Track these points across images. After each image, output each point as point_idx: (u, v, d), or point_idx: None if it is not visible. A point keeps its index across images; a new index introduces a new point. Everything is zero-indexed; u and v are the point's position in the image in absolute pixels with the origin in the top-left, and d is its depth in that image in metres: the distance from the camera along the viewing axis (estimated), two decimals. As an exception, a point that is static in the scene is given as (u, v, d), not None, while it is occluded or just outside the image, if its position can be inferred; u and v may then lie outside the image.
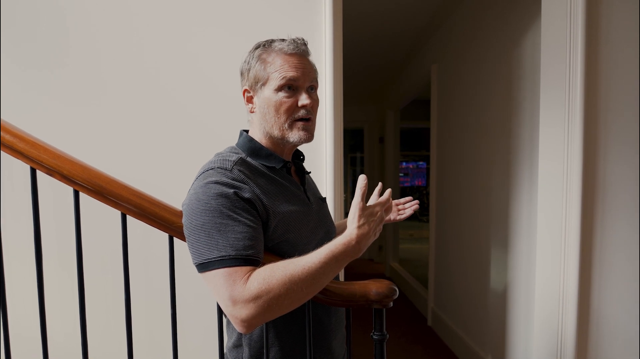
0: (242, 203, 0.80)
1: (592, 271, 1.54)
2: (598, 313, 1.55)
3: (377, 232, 0.86)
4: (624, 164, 1.51)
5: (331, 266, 0.78)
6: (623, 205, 1.51)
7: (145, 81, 1.54)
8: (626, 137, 1.50)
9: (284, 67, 0.88)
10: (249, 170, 0.87)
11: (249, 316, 0.74)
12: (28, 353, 1.33)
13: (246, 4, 1.55)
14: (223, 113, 1.53)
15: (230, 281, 0.75)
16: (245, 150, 0.93)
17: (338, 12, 1.58)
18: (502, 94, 2.26)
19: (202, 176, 0.84)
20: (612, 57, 1.50)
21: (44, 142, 0.96)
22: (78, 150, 1.26)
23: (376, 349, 0.94)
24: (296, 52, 0.90)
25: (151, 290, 1.53)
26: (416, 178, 5.55)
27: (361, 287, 0.90)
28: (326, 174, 1.58)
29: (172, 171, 1.54)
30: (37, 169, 0.95)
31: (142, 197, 0.94)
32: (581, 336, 1.55)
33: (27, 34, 1.50)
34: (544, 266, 1.64)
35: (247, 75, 0.93)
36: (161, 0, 1.53)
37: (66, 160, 0.94)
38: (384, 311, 0.94)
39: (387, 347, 0.97)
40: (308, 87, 0.91)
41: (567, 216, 1.54)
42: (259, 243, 0.81)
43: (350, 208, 0.83)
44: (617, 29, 1.49)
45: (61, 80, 1.52)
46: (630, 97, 1.49)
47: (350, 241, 0.80)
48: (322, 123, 1.58)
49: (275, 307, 0.75)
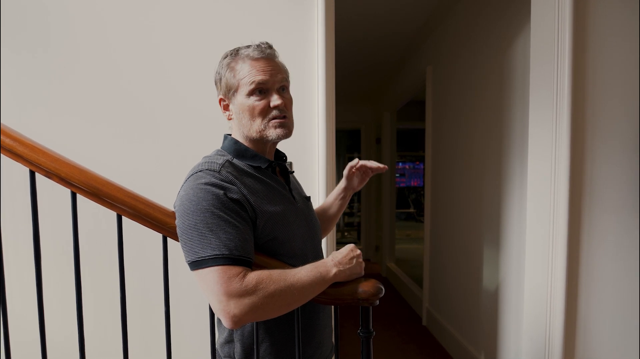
0: (232, 204, 0.83)
1: (580, 270, 1.57)
2: (585, 312, 1.57)
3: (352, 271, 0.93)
4: (611, 163, 1.53)
5: (314, 284, 0.85)
6: (610, 204, 1.54)
7: (144, 82, 1.57)
8: (613, 137, 1.53)
9: (252, 72, 0.92)
10: (236, 171, 0.90)
11: (241, 312, 0.77)
12: (26, 348, 1.36)
13: (243, 7, 1.58)
14: (216, 116, 1.56)
15: (224, 278, 0.78)
16: (231, 152, 0.96)
17: (330, 14, 1.62)
18: (493, 95, 2.29)
19: (191, 178, 0.87)
20: (598, 60, 1.53)
21: (42, 146, 0.98)
22: (75, 151, 1.29)
23: (363, 345, 0.97)
24: (262, 56, 0.93)
25: (145, 288, 1.56)
26: (412, 178, 5.56)
27: (349, 285, 0.93)
28: (318, 173, 1.61)
29: (167, 171, 1.57)
30: (36, 172, 0.97)
31: (136, 199, 0.97)
32: (568, 335, 1.58)
33: (26, 36, 1.53)
34: (533, 265, 1.67)
35: (220, 85, 0.97)
36: (166, 3, 1.56)
37: (64, 163, 0.96)
38: (370, 309, 0.97)
39: (383, 346, 0.99)
40: (279, 87, 0.95)
41: (554, 216, 1.57)
42: (249, 245, 0.84)
43: (345, 246, 0.94)
44: (604, 33, 1.52)
45: (59, 80, 1.55)
46: (616, 97, 1.52)
47: (328, 273, 0.87)
48: (314, 123, 1.61)
49: (267, 308, 0.79)
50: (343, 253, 0.92)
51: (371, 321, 0.97)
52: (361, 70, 4.39)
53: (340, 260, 0.90)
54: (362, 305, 0.95)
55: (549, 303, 1.60)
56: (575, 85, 1.53)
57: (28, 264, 1.51)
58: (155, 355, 1.56)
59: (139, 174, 1.55)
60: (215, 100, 1.02)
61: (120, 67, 1.56)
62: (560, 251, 1.55)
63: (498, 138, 2.25)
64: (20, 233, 1.52)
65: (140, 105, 1.57)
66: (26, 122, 1.52)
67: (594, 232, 1.56)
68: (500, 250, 2.26)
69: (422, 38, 3.42)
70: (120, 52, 1.56)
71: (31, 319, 1.53)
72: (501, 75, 2.20)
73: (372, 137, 6.01)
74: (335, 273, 0.87)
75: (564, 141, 1.53)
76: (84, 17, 1.55)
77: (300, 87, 1.58)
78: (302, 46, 1.60)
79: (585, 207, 1.56)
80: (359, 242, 6.64)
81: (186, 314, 1.56)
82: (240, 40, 1.55)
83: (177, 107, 1.58)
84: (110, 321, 1.55)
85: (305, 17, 1.60)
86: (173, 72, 1.58)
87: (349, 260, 0.90)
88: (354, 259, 0.91)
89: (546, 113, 1.59)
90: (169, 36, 1.57)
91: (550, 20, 1.56)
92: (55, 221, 1.51)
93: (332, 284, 0.90)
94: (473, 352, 2.58)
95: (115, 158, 1.57)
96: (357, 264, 0.91)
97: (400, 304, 4.21)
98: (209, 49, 1.58)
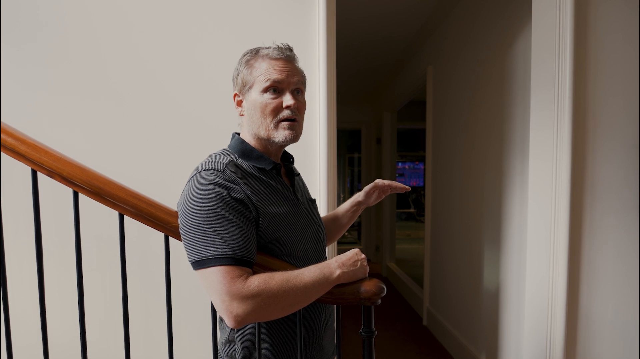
0: (235, 204, 0.84)
1: (581, 269, 1.57)
2: (587, 311, 1.57)
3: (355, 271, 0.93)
4: (612, 163, 1.53)
5: (317, 285, 0.85)
6: (611, 203, 1.54)
7: (143, 82, 1.57)
8: (614, 137, 1.53)
9: (269, 70, 0.92)
10: (240, 172, 0.90)
11: (244, 312, 0.78)
12: (28, 347, 1.36)
13: (243, 8, 1.59)
14: (221, 114, 1.57)
15: (228, 278, 0.78)
16: (237, 151, 0.97)
17: (331, 16, 1.62)
18: (494, 95, 2.29)
19: (195, 177, 0.87)
20: (599, 59, 1.53)
21: (44, 145, 0.98)
22: (77, 149, 1.29)
23: (364, 345, 0.97)
24: (281, 57, 0.94)
25: (147, 287, 1.56)
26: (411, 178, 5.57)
27: (351, 285, 0.93)
28: (320, 174, 1.61)
29: (169, 171, 1.58)
30: (38, 171, 0.97)
31: (138, 198, 0.96)
32: (570, 335, 1.58)
33: (26, 33, 1.53)
34: (534, 265, 1.67)
35: (237, 81, 0.98)
36: (162, 2, 1.57)
37: (66, 162, 0.96)
38: (372, 308, 0.97)
39: (383, 346, 1.00)
40: (293, 89, 0.95)
41: (556, 215, 1.57)
42: (251, 245, 0.84)
43: (351, 250, 0.94)
44: (605, 32, 1.52)
45: (60, 79, 1.55)
46: (617, 97, 1.52)
47: (332, 274, 0.87)
48: (315, 124, 1.61)
49: (270, 308, 0.79)
50: (348, 256, 0.92)
51: (373, 320, 0.97)
52: (362, 70, 4.39)
53: (344, 261, 0.90)
54: (364, 304, 0.95)
55: (550, 302, 1.60)
56: (577, 84, 1.53)
57: (30, 264, 1.51)
58: (157, 354, 1.56)
59: (143, 174, 1.55)
60: (225, 96, 1.03)
61: (127, 62, 1.56)
62: (562, 251, 1.56)
63: (499, 138, 2.25)
64: (22, 233, 1.52)
65: (146, 99, 1.57)
66: (25, 116, 1.52)
67: (595, 232, 1.56)
68: (501, 250, 2.26)
69: (423, 38, 3.42)
70: (128, 46, 1.56)
71: (33, 319, 1.53)
72: (502, 74, 2.20)
73: (373, 136, 6.02)
74: (339, 275, 0.87)
75: (565, 141, 1.53)
76: (82, 17, 1.55)
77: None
78: (303, 47, 1.60)
79: (587, 207, 1.56)
80: (359, 242, 6.64)
81: (188, 314, 1.56)
82: (242, 42, 1.57)
83: (186, 101, 1.58)
84: (112, 321, 1.56)
85: (306, 18, 1.60)
86: (181, 68, 1.58)
87: (353, 263, 0.90)
88: (358, 262, 0.91)
89: (547, 113, 1.59)
90: (169, 36, 1.57)
91: (551, 20, 1.56)
92: (57, 220, 1.51)
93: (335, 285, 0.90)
94: (473, 352, 2.58)
95: (118, 158, 1.57)
96: (361, 267, 0.91)
97: (401, 304, 4.21)
98: (209, 50, 1.58)
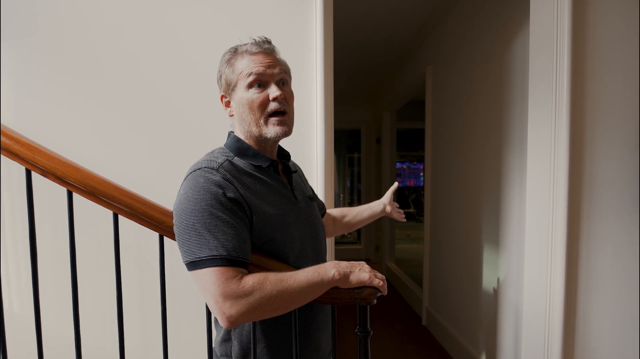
0: (230, 203, 0.83)
1: (579, 269, 1.57)
2: (584, 311, 1.57)
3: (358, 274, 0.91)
4: (611, 162, 1.53)
5: (312, 285, 0.84)
6: (609, 202, 1.53)
7: (138, 81, 1.56)
8: (612, 135, 1.53)
9: (250, 65, 0.92)
10: (236, 170, 0.90)
11: (237, 313, 0.77)
12: (22, 346, 1.36)
13: (240, 6, 1.58)
14: (216, 113, 1.56)
15: (222, 279, 0.78)
16: (233, 150, 0.96)
17: (329, 14, 1.62)
18: (493, 94, 2.29)
19: (190, 176, 0.87)
20: (597, 58, 1.53)
21: (38, 144, 0.98)
22: (71, 148, 1.28)
23: (360, 345, 0.97)
24: (260, 50, 0.93)
25: (142, 287, 1.56)
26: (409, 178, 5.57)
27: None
28: (317, 174, 1.61)
29: (164, 170, 1.57)
30: (32, 170, 0.97)
31: (133, 198, 0.96)
32: (567, 334, 1.58)
33: (22, 32, 1.52)
34: (532, 265, 1.67)
35: (221, 82, 0.97)
36: (161, 3, 1.56)
37: (60, 162, 0.96)
38: (368, 308, 0.96)
39: (382, 346, 0.99)
40: (278, 80, 0.94)
41: (554, 215, 1.56)
42: (246, 245, 0.84)
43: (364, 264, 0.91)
44: (603, 30, 1.52)
45: (53, 79, 1.54)
46: (615, 95, 1.52)
47: (327, 274, 0.85)
48: (313, 123, 1.61)
49: (264, 308, 0.79)
50: (347, 262, 0.90)
51: (369, 320, 0.97)
52: (361, 70, 4.39)
53: (340, 263, 0.88)
54: (360, 304, 0.95)
55: (548, 302, 1.59)
56: (575, 83, 1.52)
57: (25, 263, 1.51)
58: (152, 354, 1.55)
59: (137, 173, 1.55)
60: (214, 97, 1.02)
61: (121, 61, 1.56)
62: (560, 251, 1.55)
63: (497, 137, 2.24)
64: (17, 232, 1.52)
65: (141, 98, 1.57)
66: (20, 115, 1.52)
67: (594, 231, 1.56)
68: (500, 250, 2.26)
69: (422, 38, 3.41)
70: (122, 44, 1.56)
71: (28, 318, 1.53)
72: (500, 74, 2.20)
73: (372, 136, 6.01)
74: (334, 274, 0.85)
75: (563, 140, 1.53)
76: (76, 18, 1.54)
77: (299, 87, 1.58)
78: (300, 46, 1.59)
79: (585, 206, 1.55)
80: (359, 242, 6.64)
81: (183, 313, 1.56)
82: (239, 41, 1.55)
83: (181, 100, 1.58)
84: (106, 320, 1.55)
85: (303, 15, 1.60)
86: (176, 66, 1.57)
87: (351, 266, 0.89)
88: (356, 266, 0.89)
89: (545, 112, 1.59)
90: (168, 37, 1.57)
91: (549, 19, 1.56)
92: (52, 220, 1.51)
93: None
94: (473, 353, 2.58)
95: (112, 157, 1.56)
96: (360, 271, 0.89)
97: (400, 304, 4.20)
98: (207, 50, 1.57)
